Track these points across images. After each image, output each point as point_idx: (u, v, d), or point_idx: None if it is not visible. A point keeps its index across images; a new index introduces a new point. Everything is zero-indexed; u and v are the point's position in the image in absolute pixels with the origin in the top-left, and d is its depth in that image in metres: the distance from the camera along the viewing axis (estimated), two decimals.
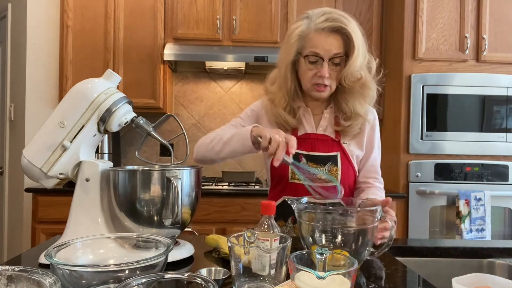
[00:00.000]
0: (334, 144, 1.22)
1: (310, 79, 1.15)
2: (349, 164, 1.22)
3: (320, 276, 0.54)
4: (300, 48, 1.15)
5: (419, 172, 2.36)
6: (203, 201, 2.24)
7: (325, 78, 1.13)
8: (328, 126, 1.24)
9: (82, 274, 0.59)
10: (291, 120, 1.21)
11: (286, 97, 1.20)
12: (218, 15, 2.59)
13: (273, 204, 0.79)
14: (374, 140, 1.27)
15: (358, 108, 1.19)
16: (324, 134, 1.23)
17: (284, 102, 1.20)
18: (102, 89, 0.96)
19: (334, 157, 1.20)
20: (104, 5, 2.54)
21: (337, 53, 1.11)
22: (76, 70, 2.53)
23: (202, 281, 0.56)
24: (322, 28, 1.11)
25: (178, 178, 0.89)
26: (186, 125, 2.94)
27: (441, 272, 1.09)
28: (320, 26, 1.11)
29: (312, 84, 1.16)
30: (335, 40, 1.11)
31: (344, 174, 1.20)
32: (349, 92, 1.18)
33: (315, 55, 1.12)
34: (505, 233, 2.39)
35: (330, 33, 1.11)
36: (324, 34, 1.11)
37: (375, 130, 1.28)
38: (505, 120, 2.37)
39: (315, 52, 1.12)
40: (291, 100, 1.22)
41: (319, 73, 1.13)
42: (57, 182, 0.98)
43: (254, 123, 1.25)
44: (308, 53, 1.13)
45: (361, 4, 2.69)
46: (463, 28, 2.38)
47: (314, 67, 1.13)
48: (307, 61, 1.14)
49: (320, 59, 1.12)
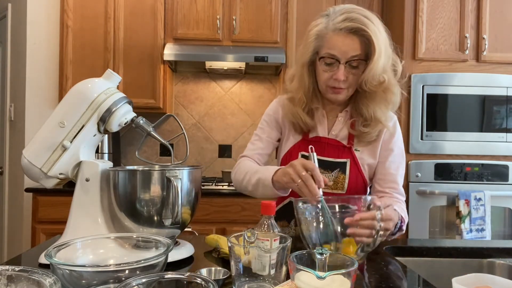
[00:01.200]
0: (345, 151, 1.16)
1: (325, 82, 1.10)
2: (359, 172, 1.15)
3: (320, 276, 0.54)
4: (317, 47, 1.09)
5: (419, 172, 2.36)
6: (203, 201, 2.24)
7: (341, 82, 1.07)
8: (341, 130, 1.18)
9: (82, 274, 0.59)
10: (309, 121, 1.16)
11: (304, 98, 1.15)
12: (218, 15, 2.59)
13: (273, 204, 0.79)
14: (391, 147, 1.18)
15: (379, 114, 1.12)
16: (336, 140, 1.17)
17: (303, 103, 1.16)
18: (102, 89, 0.96)
19: (343, 164, 1.15)
20: (104, 5, 2.54)
21: (355, 55, 1.04)
22: (76, 70, 2.53)
23: (202, 281, 0.56)
24: (340, 29, 1.03)
25: (178, 178, 0.89)
26: (186, 125, 2.94)
27: (441, 272, 1.09)
28: (338, 26, 1.03)
29: (327, 86, 1.11)
30: (353, 42, 1.03)
31: (351, 182, 1.14)
32: (371, 97, 1.10)
33: (331, 57, 1.06)
34: (505, 233, 2.39)
35: (348, 34, 1.03)
36: (342, 35, 1.03)
37: (394, 136, 1.20)
38: (505, 120, 2.37)
39: (331, 54, 1.05)
40: (309, 101, 1.16)
41: (335, 75, 1.06)
42: (57, 182, 0.98)
43: (274, 127, 1.25)
44: (324, 55, 1.07)
45: (361, 4, 2.68)
46: (463, 28, 2.38)
47: (330, 69, 1.07)
48: (323, 63, 1.08)
49: (336, 61, 1.05)
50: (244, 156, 1.25)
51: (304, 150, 1.18)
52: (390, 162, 1.17)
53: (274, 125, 1.25)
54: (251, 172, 1.12)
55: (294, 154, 1.19)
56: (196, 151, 2.96)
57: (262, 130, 1.26)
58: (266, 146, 1.25)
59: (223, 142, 2.97)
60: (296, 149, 1.20)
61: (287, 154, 1.21)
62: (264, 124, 1.26)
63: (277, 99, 1.29)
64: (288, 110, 1.19)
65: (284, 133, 1.25)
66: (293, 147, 1.20)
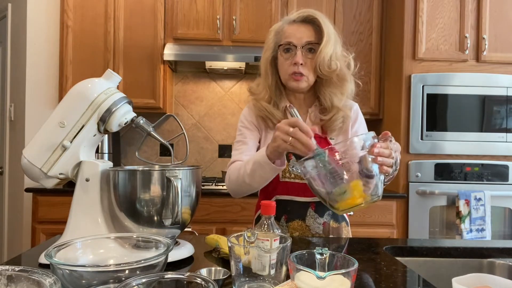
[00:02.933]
0: (322, 141, 1.22)
1: (287, 69, 1.18)
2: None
3: (320, 276, 0.54)
4: (277, 42, 1.21)
5: (419, 172, 2.36)
6: (203, 201, 2.24)
7: (300, 66, 1.15)
8: (314, 123, 1.25)
9: (82, 274, 0.59)
10: (276, 113, 1.22)
11: (267, 90, 1.23)
12: (218, 15, 2.59)
13: (273, 204, 0.79)
14: (356, 131, 1.27)
15: (335, 101, 1.20)
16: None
17: (266, 95, 1.23)
18: (102, 89, 0.96)
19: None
20: (104, 5, 2.54)
21: (309, 40, 1.16)
22: (76, 70, 2.53)
23: (202, 281, 0.56)
24: (293, 20, 1.19)
25: (178, 178, 0.89)
26: (186, 125, 2.94)
27: (441, 272, 1.09)
28: (291, 18, 1.19)
29: (289, 74, 1.18)
30: (307, 29, 1.17)
31: None
32: (327, 85, 1.20)
33: (288, 44, 1.17)
34: (505, 233, 2.39)
35: (302, 23, 1.18)
36: (296, 25, 1.18)
37: (357, 121, 1.28)
38: (505, 120, 2.37)
39: (288, 42, 1.17)
40: (274, 95, 1.24)
41: (293, 60, 1.16)
42: (57, 182, 0.98)
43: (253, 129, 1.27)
44: (282, 43, 1.18)
45: (361, 4, 2.69)
46: (463, 28, 2.38)
47: (289, 55, 1.17)
48: (282, 51, 1.18)
49: (293, 47, 1.16)
50: (232, 162, 1.26)
51: None
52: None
53: (251, 127, 1.28)
54: (243, 165, 1.14)
55: None
56: (196, 151, 2.96)
57: (242, 135, 1.29)
58: (252, 146, 1.27)
59: (223, 142, 2.97)
60: None
61: None
62: (242, 130, 1.29)
63: (245, 107, 1.34)
64: (257, 108, 1.26)
65: (261, 133, 1.29)
66: None
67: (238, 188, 1.18)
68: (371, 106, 2.70)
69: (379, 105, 2.70)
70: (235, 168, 1.19)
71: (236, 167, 1.18)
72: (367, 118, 2.72)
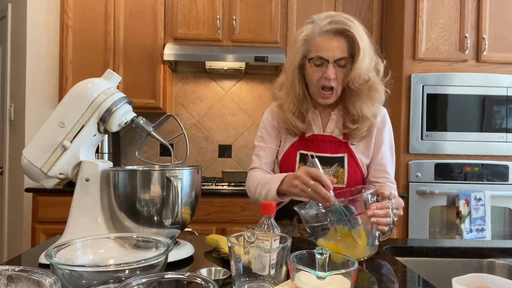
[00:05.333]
0: (342, 146, 1.21)
1: (316, 82, 1.15)
2: (357, 166, 1.21)
3: (320, 276, 0.54)
4: (306, 52, 1.16)
5: (419, 172, 2.36)
6: (203, 201, 2.24)
7: (331, 80, 1.13)
8: (336, 127, 1.24)
9: (82, 274, 0.59)
10: (300, 125, 1.22)
11: (294, 101, 1.20)
12: (218, 15, 2.59)
13: (273, 204, 0.79)
14: (382, 140, 1.24)
15: (365, 111, 1.17)
16: (332, 136, 1.23)
17: (293, 107, 1.21)
18: (102, 89, 0.96)
19: (341, 158, 1.20)
20: (104, 5, 2.53)
21: (343, 56, 1.11)
22: (76, 70, 2.53)
23: (202, 281, 0.56)
24: (326, 31, 1.11)
25: (178, 178, 0.89)
26: (186, 125, 2.94)
27: (441, 272, 1.09)
28: (324, 29, 1.11)
29: (318, 88, 1.16)
30: (339, 43, 1.11)
31: (350, 176, 1.19)
32: (357, 95, 1.17)
33: (320, 58, 1.12)
34: (505, 233, 2.39)
35: (334, 35, 1.11)
36: (328, 37, 1.11)
37: (384, 129, 1.25)
38: (505, 120, 2.37)
39: (319, 56, 1.12)
40: (300, 105, 1.21)
41: (325, 74, 1.12)
42: (57, 182, 0.98)
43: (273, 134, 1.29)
44: (313, 56, 1.13)
45: (361, 4, 2.69)
46: (463, 28, 2.38)
47: (320, 69, 1.13)
48: (313, 64, 1.14)
49: (325, 61, 1.12)
50: (252, 168, 1.30)
51: (302, 149, 1.23)
52: (382, 153, 1.24)
53: (273, 132, 1.29)
54: (260, 184, 1.18)
55: (293, 153, 1.24)
56: (196, 151, 2.96)
57: (262, 139, 1.30)
58: (270, 154, 1.29)
59: (223, 142, 2.97)
60: (294, 149, 1.25)
61: (286, 154, 1.26)
62: (263, 133, 1.30)
63: (269, 108, 1.33)
64: (279, 117, 1.25)
65: (282, 137, 1.29)
66: (291, 147, 1.25)
67: (254, 200, 1.24)
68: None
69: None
70: (253, 181, 1.23)
71: (254, 182, 1.22)
72: None
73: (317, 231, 0.93)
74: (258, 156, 1.29)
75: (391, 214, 0.91)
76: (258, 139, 1.31)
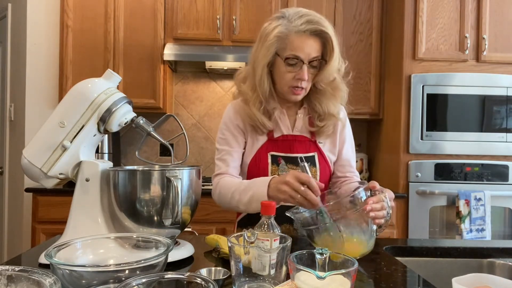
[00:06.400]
0: (311, 145, 1.22)
1: (288, 82, 1.14)
2: (326, 163, 1.23)
3: (320, 276, 0.54)
4: (279, 49, 1.13)
5: (419, 172, 2.36)
6: (203, 201, 2.23)
7: (303, 81, 1.12)
8: (303, 126, 1.24)
9: (82, 274, 0.59)
10: (267, 122, 1.19)
11: (261, 98, 1.17)
12: (218, 15, 2.59)
13: (273, 204, 0.79)
14: (345, 137, 1.28)
15: (331, 109, 1.20)
16: (301, 135, 1.23)
17: (259, 104, 1.18)
18: (102, 89, 0.96)
19: (312, 157, 1.21)
20: (104, 5, 2.53)
21: (316, 56, 1.11)
22: (76, 70, 2.53)
23: (202, 281, 0.56)
24: (303, 31, 1.08)
25: (178, 178, 0.89)
26: (186, 125, 2.94)
27: (441, 272, 1.09)
28: (301, 28, 1.08)
29: (289, 87, 1.14)
30: (315, 43, 1.10)
31: (322, 173, 1.21)
32: (322, 94, 1.19)
33: (295, 58, 1.10)
34: (505, 233, 2.39)
35: (311, 36, 1.09)
36: (305, 37, 1.09)
37: (345, 126, 1.29)
38: (505, 120, 2.37)
39: (295, 55, 1.10)
40: (266, 103, 1.19)
41: (298, 75, 1.11)
42: (57, 182, 0.98)
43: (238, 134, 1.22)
44: (288, 55, 1.10)
45: (361, 4, 2.69)
46: (463, 28, 2.38)
47: (293, 69, 1.12)
48: (287, 64, 1.12)
49: (300, 61, 1.10)
50: (219, 174, 1.22)
51: (273, 150, 1.21)
52: (346, 149, 1.28)
53: (237, 132, 1.23)
54: (239, 191, 1.11)
55: (263, 155, 1.20)
56: (196, 151, 2.96)
57: (225, 141, 1.23)
58: (237, 158, 1.23)
59: None
60: (264, 150, 1.21)
61: (255, 157, 1.21)
62: (226, 135, 1.23)
63: (230, 104, 1.27)
64: (245, 113, 1.20)
65: (247, 137, 1.24)
66: (260, 149, 1.21)
67: (230, 208, 1.18)
68: (371, 106, 2.70)
69: (379, 105, 2.70)
70: (226, 189, 1.15)
71: (228, 188, 1.14)
72: (367, 118, 2.72)
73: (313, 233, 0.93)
74: (223, 161, 1.22)
75: (386, 207, 0.93)
76: (221, 142, 1.24)
